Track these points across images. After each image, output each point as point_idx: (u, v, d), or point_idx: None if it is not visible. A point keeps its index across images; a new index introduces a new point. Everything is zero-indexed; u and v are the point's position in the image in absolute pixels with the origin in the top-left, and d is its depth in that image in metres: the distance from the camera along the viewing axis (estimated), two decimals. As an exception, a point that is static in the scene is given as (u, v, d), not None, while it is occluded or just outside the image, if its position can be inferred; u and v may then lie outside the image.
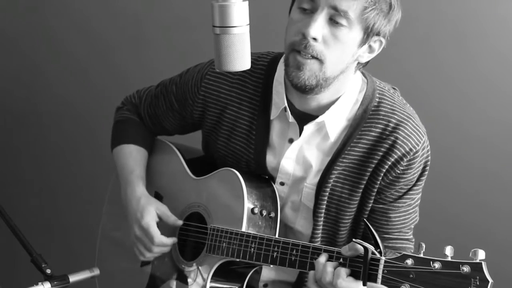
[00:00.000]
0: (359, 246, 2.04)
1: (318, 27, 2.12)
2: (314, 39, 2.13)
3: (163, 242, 2.40)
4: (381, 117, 2.27)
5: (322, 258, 2.10)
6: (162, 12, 3.40)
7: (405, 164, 2.26)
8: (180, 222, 2.43)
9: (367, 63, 2.29)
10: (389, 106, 2.29)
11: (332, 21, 2.13)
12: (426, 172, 2.34)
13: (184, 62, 2.59)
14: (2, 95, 3.61)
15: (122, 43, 3.47)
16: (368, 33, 2.17)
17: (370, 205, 2.32)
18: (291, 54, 2.18)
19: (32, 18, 3.52)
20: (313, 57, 2.15)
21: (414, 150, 2.26)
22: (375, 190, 2.30)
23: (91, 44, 3.49)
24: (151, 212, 2.42)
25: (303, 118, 2.30)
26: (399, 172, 2.27)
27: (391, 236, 2.36)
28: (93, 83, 3.54)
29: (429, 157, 2.33)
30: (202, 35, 2.54)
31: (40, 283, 2.10)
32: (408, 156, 2.26)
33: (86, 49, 3.50)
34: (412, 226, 2.40)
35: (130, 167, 2.52)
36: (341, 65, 2.19)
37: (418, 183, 2.34)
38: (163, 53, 3.43)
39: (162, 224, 2.43)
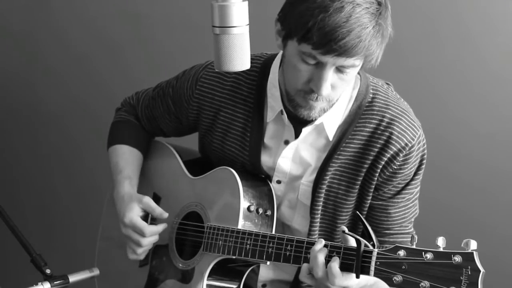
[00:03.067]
0: (349, 236, 2.06)
1: (329, 86, 2.12)
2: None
3: (153, 231, 2.40)
4: (375, 112, 2.28)
5: (317, 246, 2.10)
6: (163, 12, 3.41)
7: (401, 159, 2.27)
8: (166, 214, 2.43)
9: None
10: (383, 101, 2.29)
11: (339, 70, 2.12)
12: (423, 166, 2.34)
13: (185, 62, 2.60)
14: (3, 94, 3.62)
15: (125, 43, 3.48)
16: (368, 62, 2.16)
17: (369, 201, 2.33)
18: (299, 97, 2.19)
19: (37, 16, 3.53)
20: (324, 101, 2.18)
21: (410, 145, 2.27)
22: (373, 186, 2.30)
23: (93, 44, 3.51)
24: (133, 209, 2.42)
25: (299, 119, 2.30)
26: (395, 167, 2.28)
27: (391, 231, 2.36)
28: (94, 83, 3.55)
29: (426, 151, 2.33)
30: (203, 35, 2.54)
31: (40, 283, 2.11)
32: (404, 151, 2.26)
33: (88, 48, 3.51)
34: (413, 220, 2.41)
35: (120, 168, 2.54)
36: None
37: (416, 177, 2.34)
38: (164, 53, 3.44)
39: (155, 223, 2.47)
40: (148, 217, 2.47)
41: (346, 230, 2.08)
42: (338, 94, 2.19)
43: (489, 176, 3.27)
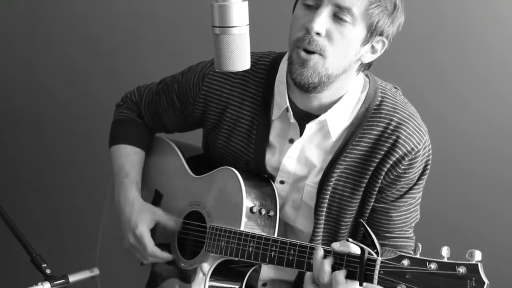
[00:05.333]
0: (351, 244, 2.05)
1: (322, 22, 2.12)
2: (318, 34, 2.13)
3: (155, 253, 2.42)
4: (383, 116, 2.27)
5: (319, 253, 2.09)
6: (160, 13, 3.40)
7: (406, 163, 2.26)
8: (181, 221, 2.43)
9: (369, 66, 2.29)
10: (391, 105, 2.29)
11: (336, 18, 2.13)
12: (427, 171, 2.34)
13: (183, 63, 2.58)
14: (5, 95, 3.62)
15: (120, 45, 3.47)
16: (372, 31, 2.17)
17: (371, 204, 2.32)
18: (294, 51, 2.18)
19: (29, 19, 3.52)
20: (317, 52, 2.15)
21: (416, 150, 2.26)
22: (376, 189, 2.30)
23: (88, 46, 3.50)
24: (145, 220, 2.43)
25: (305, 117, 2.30)
26: (400, 171, 2.27)
27: (392, 235, 2.36)
28: (91, 83, 3.54)
29: (430, 156, 2.33)
30: (201, 35, 2.53)
31: (40, 283, 2.11)
32: (410, 156, 2.26)
33: (84, 50, 3.51)
34: (413, 225, 2.41)
35: (126, 171, 2.53)
36: (344, 62, 2.19)
37: (419, 182, 2.34)
38: (162, 55, 3.42)
39: (160, 228, 2.46)
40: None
41: (350, 240, 2.07)
42: (334, 50, 2.15)
43: (495, 178, 3.26)
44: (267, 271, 2.47)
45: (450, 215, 3.28)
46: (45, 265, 2.16)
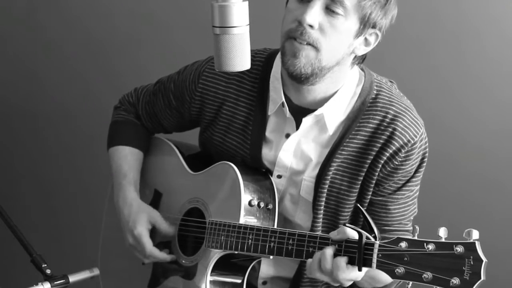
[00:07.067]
0: (347, 229, 2.04)
1: (314, 14, 2.13)
2: (310, 26, 2.14)
3: (153, 254, 2.42)
4: (379, 109, 2.28)
5: (329, 250, 2.06)
6: (160, 13, 3.41)
7: (403, 155, 2.27)
8: (178, 219, 2.44)
9: (363, 59, 2.30)
10: (386, 98, 2.29)
11: (329, 10, 2.14)
12: (424, 164, 2.34)
13: (182, 64, 2.58)
14: (9, 91, 3.63)
15: (119, 45, 3.48)
16: (365, 23, 2.18)
17: (369, 197, 2.32)
18: (287, 41, 2.19)
19: (29, 19, 3.53)
20: (309, 44, 2.16)
21: (412, 142, 2.27)
22: (373, 181, 2.30)
23: (88, 46, 3.51)
24: (142, 220, 2.44)
25: (300, 112, 2.30)
26: (397, 163, 2.27)
27: (391, 228, 2.35)
28: (91, 84, 3.54)
29: (427, 149, 2.33)
30: (200, 35, 2.53)
31: (40, 283, 2.11)
32: (406, 148, 2.26)
33: (83, 51, 3.51)
34: (411, 218, 2.40)
35: (124, 172, 2.54)
36: (337, 55, 2.20)
37: (416, 174, 2.34)
38: (161, 55, 3.43)
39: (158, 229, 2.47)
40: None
41: (348, 225, 2.05)
42: (326, 43, 2.16)
43: (491, 176, 3.26)
44: (266, 269, 2.46)
45: (446, 214, 3.27)
46: (45, 265, 2.16)
